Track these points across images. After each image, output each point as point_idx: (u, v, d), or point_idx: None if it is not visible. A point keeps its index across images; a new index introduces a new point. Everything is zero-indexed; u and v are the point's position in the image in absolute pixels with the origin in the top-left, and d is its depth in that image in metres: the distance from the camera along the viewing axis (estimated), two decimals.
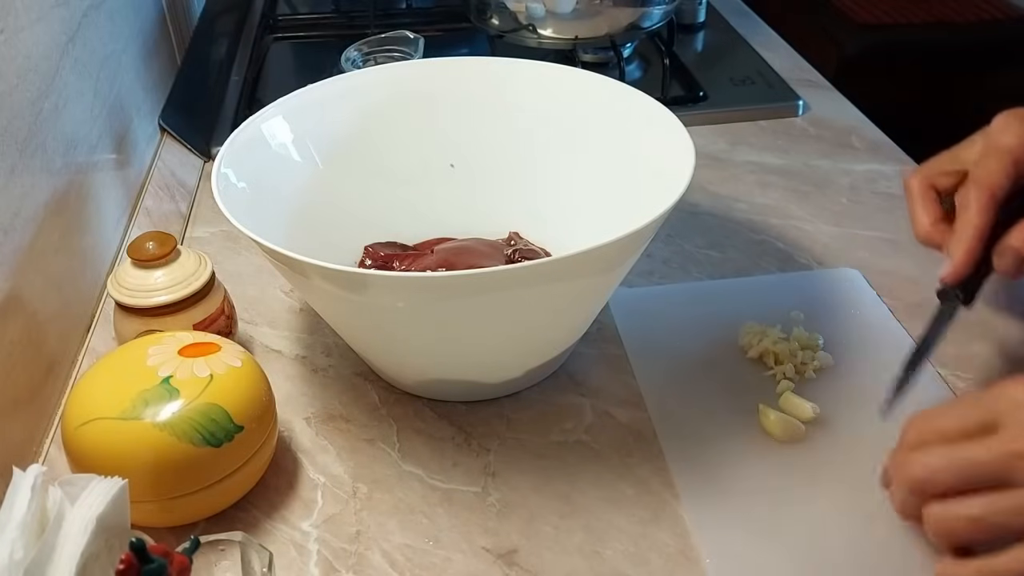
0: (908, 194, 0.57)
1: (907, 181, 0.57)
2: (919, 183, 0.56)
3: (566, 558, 0.48)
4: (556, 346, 0.57)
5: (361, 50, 0.89)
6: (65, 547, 0.35)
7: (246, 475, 0.49)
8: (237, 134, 0.59)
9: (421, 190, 0.67)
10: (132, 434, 0.45)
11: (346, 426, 0.57)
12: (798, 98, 0.92)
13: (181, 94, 0.92)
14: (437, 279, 0.47)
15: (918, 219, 0.55)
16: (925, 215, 0.55)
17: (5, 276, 0.52)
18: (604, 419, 0.57)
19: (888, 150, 0.85)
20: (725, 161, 0.84)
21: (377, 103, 0.67)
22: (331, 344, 0.63)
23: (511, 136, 0.67)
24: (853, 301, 0.65)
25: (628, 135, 0.61)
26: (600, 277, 0.53)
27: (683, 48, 1.03)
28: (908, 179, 0.57)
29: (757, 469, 0.52)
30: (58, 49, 0.64)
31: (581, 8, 0.92)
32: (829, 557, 0.47)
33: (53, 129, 0.61)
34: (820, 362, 0.59)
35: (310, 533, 0.50)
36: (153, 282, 0.55)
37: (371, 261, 0.63)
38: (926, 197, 0.56)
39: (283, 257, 0.48)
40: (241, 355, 0.51)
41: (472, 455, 0.55)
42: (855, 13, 1.73)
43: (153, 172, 0.80)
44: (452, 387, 0.57)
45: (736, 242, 0.72)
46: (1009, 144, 0.52)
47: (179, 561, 0.37)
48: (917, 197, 0.56)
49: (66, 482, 0.37)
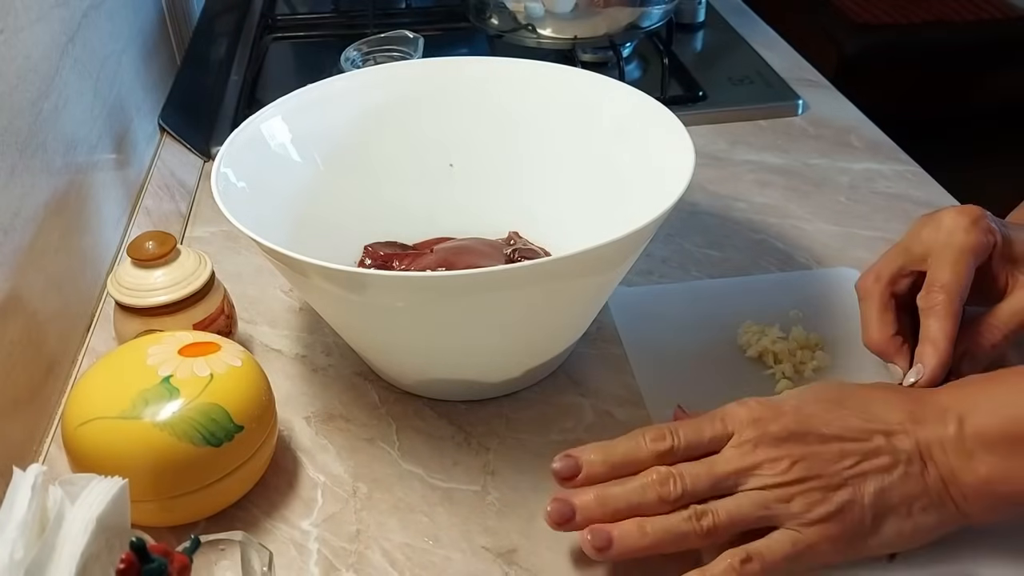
0: (864, 298, 0.56)
1: (862, 285, 0.56)
2: (880, 289, 0.55)
3: (566, 558, 0.48)
4: (556, 346, 0.57)
5: (361, 50, 0.89)
6: (65, 547, 0.35)
7: (246, 474, 0.49)
8: (237, 134, 0.59)
9: (421, 190, 0.67)
10: (132, 434, 0.46)
11: (346, 425, 0.57)
12: (797, 97, 0.92)
13: (181, 94, 0.92)
14: (437, 279, 0.47)
15: (874, 328, 0.55)
16: (882, 326, 0.54)
17: (5, 276, 0.52)
18: (604, 419, 0.57)
19: (887, 150, 0.85)
20: (725, 161, 0.84)
21: (377, 103, 0.67)
22: (331, 344, 0.63)
23: (510, 136, 0.67)
24: (852, 301, 0.65)
25: (628, 135, 0.62)
26: (600, 277, 0.53)
27: (682, 48, 1.03)
28: (864, 283, 0.56)
29: None
30: (58, 49, 0.64)
31: (580, 8, 0.92)
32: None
33: (53, 129, 0.61)
34: (819, 361, 0.59)
35: (310, 532, 0.50)
36: (153, 282, 0.55)
37: (371, 261, 0.63)
38: (885, 306, 0.55)
39: (283, 257, 0.48)
40: (241, 355, 0.51)
41: (472, 454, 0.55)
42: (855, 13, 1.73)
43: (153, 172, 0.80)
44: (452, 387, 0.57)
45: (735, 241, 0.73)
46: (967, 244, 0.52)
47: (179, 561, 0.37)
48: (875, 304, 0.55)
49: (66, 482, 0.37)
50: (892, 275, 0.55)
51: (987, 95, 1.74)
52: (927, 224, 0.54)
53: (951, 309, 0.51)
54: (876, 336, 0.54)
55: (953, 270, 0.52)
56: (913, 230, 0.55)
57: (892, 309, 0.55)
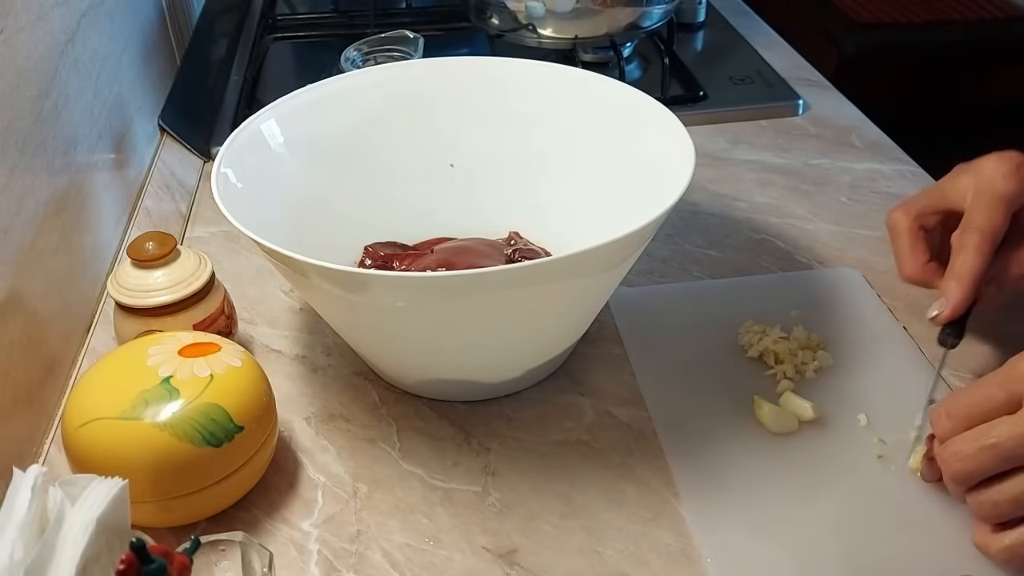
0: (895, 231, 0.57)
1: (893, 218, 0.58)
2: (908, 222, 0.57)
3: (566, 558, 0.48)
4: (556, 346, 0.57)
5: (361, 50, 0.89)
6: (65, 548, 0.35)
7: (246, 475, 0.49)
8: (237, 134, 0.59)
9: (421, 190, 0.67)
10: (132, 434, 0.45)
11: (346, 426, 0.57)
12: (798, 97, 0.92)
13: (181, 94, 0.92)
14: (437, 279, 0.47)
15: (907, 259, 0.56)
16: (915, 255, 0.56)
17: (5, 276, 0.52)
18: (604, 418, 0.57)
19: (888, 149, 0.85)
20: (725, 160, 0.84)
21: (377, 103, 0.67)
22: (331, 344, 0.63)
23: (511, 136, 0.67)
24: (853, 301, 0.65)
25: (628, 135, 0.61)
26: (600, 277, 0.53)
27: (683, 48, 1.03)
28: (894, 216, 0.58)
29: (758, 468, 0.52)
30: (58, 49, 0.64)
31: (581, 8, 0.92)
32: (830, 557, 0.47)
33: (53, 129, 0.61)
34: (820, 362, 0.59)
35: (310, 533, 0.50)
36: (153, 282, 0.55)
37: (371, 261, 0.63)
38: (916, 237, 0.56)
39: (283, 257, 0.48)
40: (241, 355, 0.51)
41: (472, 454, 0.55)
42: (855, 12, 1.73)
43: (153, 172, 0.80)
44: (452, 387, 0.57)
45: (736, 241, 0.72)
46: (1007, 191, 0.53)
47: (179, 561, 0.37)
48: (906, 236, 0.57)
49: (66, 482, 0.37)
50: (920, 210, 0.56)
51: (987, 95, 1.74)
52: (966, 171, 0.55)
53: (983, 249, 0.52)
54: (911, 266, 0.56)
55: (989, 214, 0.53)
56: (949, 176, 0.56)
57: (923, 240, 0.56)
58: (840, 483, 0.51)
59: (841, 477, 0.52)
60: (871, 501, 0.50)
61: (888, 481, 0.51)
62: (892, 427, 0.54)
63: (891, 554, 0.47)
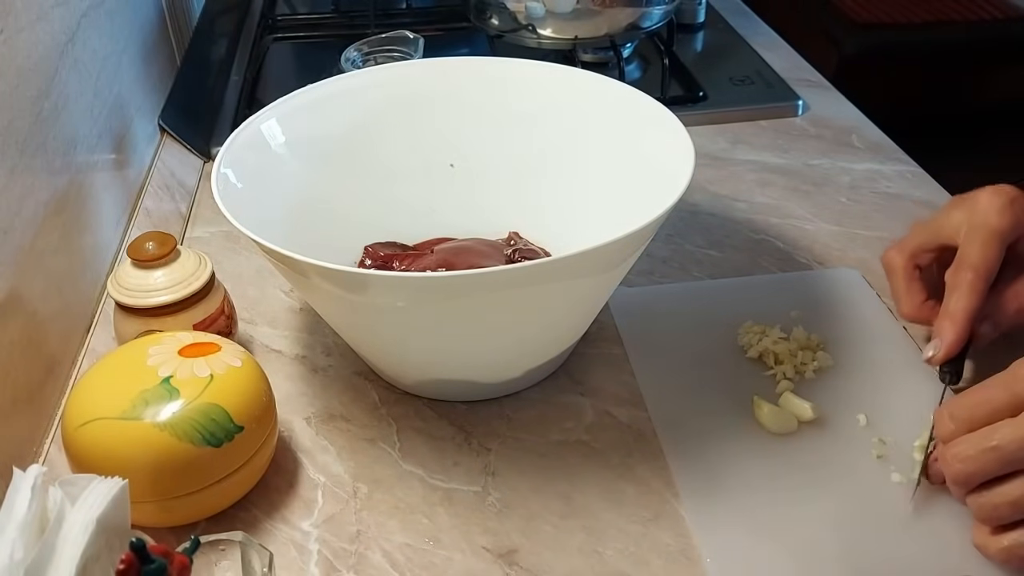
0: (890, 272, 0.58)
1: (888, 258, 0.59)
2: (903, 261, 0.57)
3: (566, 558, 0.48)
4: (556, 346, 0.57)
5: (361, 50, 0.89)
6: (65, 548, 0.35)
7: (246, 475, 0.49)
8: (237, 134, 0.59)
9: (421, 190, 0.67)
10: (132, 434, 0.45)
11: (346, 426, 0.57)
12: (798, 98, 0.92)
13: (181, 94, 0.92)
14: (437, 279, 0.47)
15: (904, 298, 0.57)
16: (911, 295, 0.57)
17: (5, 276, 0.52)
18: (604, 419, 0.57)
19: (888, 150, 0.85)
20: (725, 160, 0.84)
21: (377, 103, 0.67)
22: (331, 344, 0.63)
23: (511, 136, 0.67)
24: (853, 301, 0.65)
25: (628, 135, 0.61)
26: (600, 277, 0.53)
27: (683, 48, 1.03)
28: (889, 255, 0.58)
29: (758, 469, 0.52)
30: (58, 49, 0.64)
31: (581, 8, 0.92)
32: (830, 557, 0.47)
33: (53, 129, 0.61)
34: (820, 362, 0.59)
35: (310, 533, 0.50)
36: (153, 282, 0.55)
37: (371, 261, 0.63)
38: (911, 276, 0.57)
39: (283, 257, 0.48)
40: (241, 355, 0.51)
41: (472, 455, 0.55)
42: (855, 13, 1.73)
43: (153, 172, 0.80)
44: (452, 387, 0.57)
45: (736, 242, 0.72)
46: (1001, 227, 0.53)
47: (179, 561, 0.37)
48: (901, 276, 0.57)
49: (66, 482, 0.37)
50: (914, 249, 0.57)
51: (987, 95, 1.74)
52: (960, 205, 0.55)
53: (977, 287, 0.52)
54: (908, 306, 0.56)
55: (983, 251, 0.52)
56: (943, 210, 0.57)
57: (918, 278, 0.57)
58: (840, 483, 0.51)
59: (841, 477, 0.52)
60: (871, 501, 0.50)
61: (888, 481, 0.51)
62: (892, 427, 0.54)
63: (891, 554, 0.47)
